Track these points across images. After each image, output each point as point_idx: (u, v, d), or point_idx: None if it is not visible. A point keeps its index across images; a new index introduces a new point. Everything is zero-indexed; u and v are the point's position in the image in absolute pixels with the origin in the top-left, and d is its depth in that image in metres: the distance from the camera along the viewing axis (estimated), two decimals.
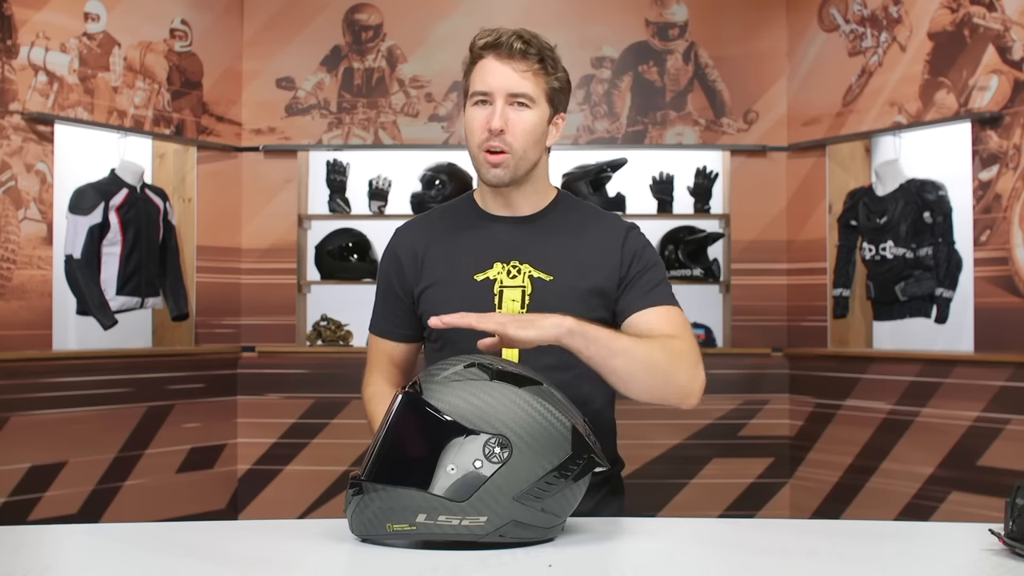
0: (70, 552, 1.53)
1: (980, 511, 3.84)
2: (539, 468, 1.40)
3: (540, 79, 1.70)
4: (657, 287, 1.74)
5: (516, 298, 1.71)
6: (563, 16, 4.86)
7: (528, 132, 1.70)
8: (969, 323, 4.10)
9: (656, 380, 1.59)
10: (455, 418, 1.40)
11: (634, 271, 1.74)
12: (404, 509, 1.39)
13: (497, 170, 1.71)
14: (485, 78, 1.71)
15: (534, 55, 1.69)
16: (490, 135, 1.69)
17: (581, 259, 1.74)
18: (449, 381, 1.44)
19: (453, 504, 1.38)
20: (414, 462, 1.41)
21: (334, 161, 4.90)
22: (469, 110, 1.74)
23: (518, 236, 1.76)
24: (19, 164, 4.01)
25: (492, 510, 1.38)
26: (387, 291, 1.84)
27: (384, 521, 1.40)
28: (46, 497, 4.03)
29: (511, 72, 1.69)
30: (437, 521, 1.38)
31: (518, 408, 1.41)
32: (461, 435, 1.39)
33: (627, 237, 1.77)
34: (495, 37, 1.70)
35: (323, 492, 4.74)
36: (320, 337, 4.85)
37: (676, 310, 1.73)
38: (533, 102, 1.70)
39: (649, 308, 1.71)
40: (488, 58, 1.71)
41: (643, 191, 4.83)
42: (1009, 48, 3.93)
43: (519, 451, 1.39)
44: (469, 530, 1.39)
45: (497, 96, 1.69)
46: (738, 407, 4.78)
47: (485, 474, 1.38)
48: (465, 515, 1.38)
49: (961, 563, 1.42)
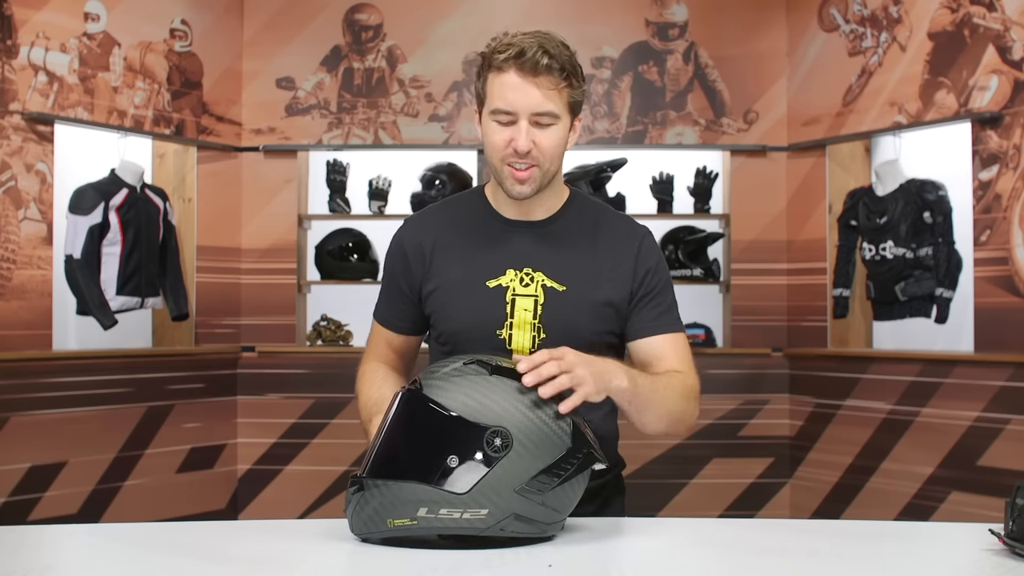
0: (70, 552, 1.53)
1: (980, 511, 3.83)
2: (539, 461, 1.41)
3: (564, 94, 1.65)
4: (668, 312, 1.76)
5: (528, 307, 1.70)
6: (563, 16, 4.85)
7: (555, 148, 1.67)
8: (969, 323, 4.10)
9: (672, 422, 1.67)
10: (457, 412, 1.41)
11: (646, 289, 1.74)
12: (405, 503, 1.39)
13: (523, 187, 1.68)
14: (507, 96, 1.63)
15: (558, 70, 1.62)
16: (515, 155, 1.65)
17: (595, 269, 1.73)
18: (449, 377, 1.45)
19: (454, 497, 1.38)
20: (415, 457, 1.41)
21: (334, 161, 4.90)
22: (490, 124, 1.66)
23: (532, 243, 1.74)
24: (19, 164, 4.01)
25: (493, 503, 1.39)
26: (392, 284, 1.83)
27: (385, 517, 1.41)
28: (46, 497, 4.03)
29: (535, 91, 1.62)
30: (438, 515, 1.39)
31: (518, 402, 1.42)
32: (462, 429, 1.40)
33: (641, 246, 1.76)
34: (518, 51, 1.61)
35: (323, 492, 4.74)
36: (320, 337, 4.85)
37: (683, 337, 1.76)
38: (557, 119, 1.65)
39: (659, 336, 1.73)
40: (510, 72, 1.62)
41: (643, 191, 4.83)
42: (1009, 48, 3.93)
43: (519, 444, 1.40)
44: (470, 523, 1.39)
45: (521, 116, 1.63)
46: (738, 407, 4.78)
47: (486, 467, 1.39)
48: (466, 508, 1.39)
49: (961, 563, 1.42)
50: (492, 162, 1.70)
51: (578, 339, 1.64)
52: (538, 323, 1.69)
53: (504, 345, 1.69)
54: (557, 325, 1.69)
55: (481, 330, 1.70)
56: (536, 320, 1.69)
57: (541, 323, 1.69)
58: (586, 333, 1.69)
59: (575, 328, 1.69)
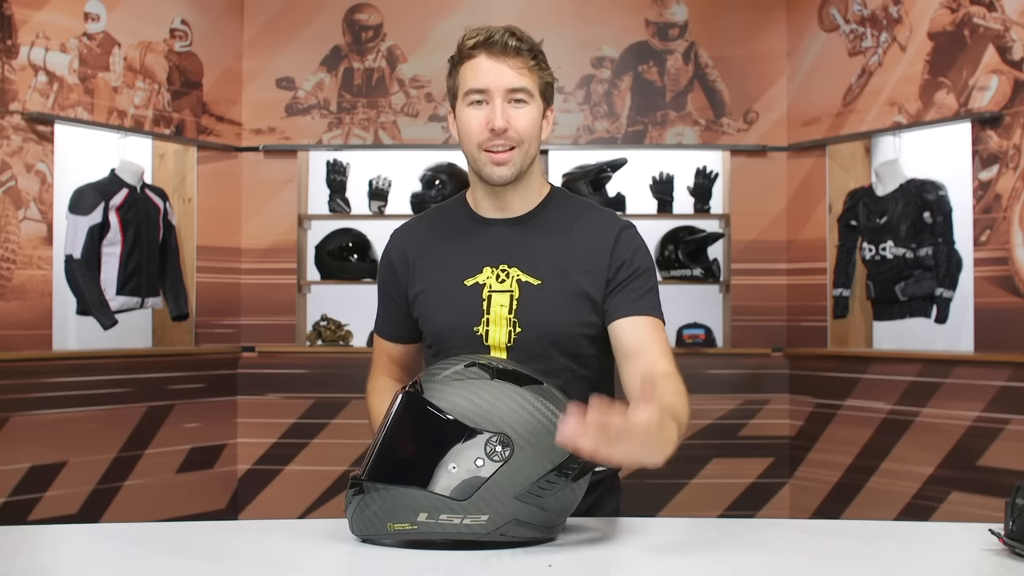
0: (70, 552, 1.53)
1: (980, 511, 3.84)
2: (540, 467, 1.40)
3: (534, 74, 1.69)
4: (646, 295, 1.72)
5: (504, 303, 1.70)
6: (563, 16, 4.85)
7: (530, 126, 1.69)
8: (969, 323, 4.10)
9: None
10: (456, 417, 1.40)
11: (622, 275, 1.72)
12: (405, 508, 1.39)
13: (503, 168, 1.69)
14: (480, 76, 1.67)
15: (527, 51, 1.68)
16: (492, 135, 1.67)
17: (570, 262, 1.72)
18: (450, 380, 1.44)
19: (455, 503, 1.38)
20: (415, 461, 1.41)
21: (334, 161, 4.90)
22: (464, 110, 1.70)
23: (508, 239, 1.75)
24: (19, 164, 4.01)
25: (493, 509, 1.38)
26: (384, 294, 1.86)
27: (385, 520, 1.40)
28: (46, 497, 4.03)
29: (507, 68, 1.67)
30: (438, 520, 1.38)
31: (519, 407, 1.41)
32: (462, 434, 1.39)
33: (619, 238, 1.74)
34: (487, 35, 1.68)
35: (323, 492, 4.74)
36: (320, 337, 4.85)
37: (660, 324, 1.71)
38: (531, 97, 1.69)
39: (636, 317, 1.69)
40: (480, 56, 1.68)
41: (643, 191, 4.83)
42: (1009, 48, 3.93)
43: (520, 450, 1.39)
44: (471, 529, 1.39)
45: (495, 94, 1.67)
46: (738, 407, 4.78)
47: (486, 473, 1.38)
48: (467, 514, 1.38)
49: (961, 563, 1.42)
50: (469, 151, 1.71)
51: (554, 332, 1.68)
52: (513, 318, 1.69)
53: (482, 341, 1.70)
54: (532, 319, 1.69)
55: (460, 329, 1.71)
56: (512, 316, 1.69)
57: (516, 318, 1.69)
58: (562, 326, 1.69)
59: (550, 321, 1.69)
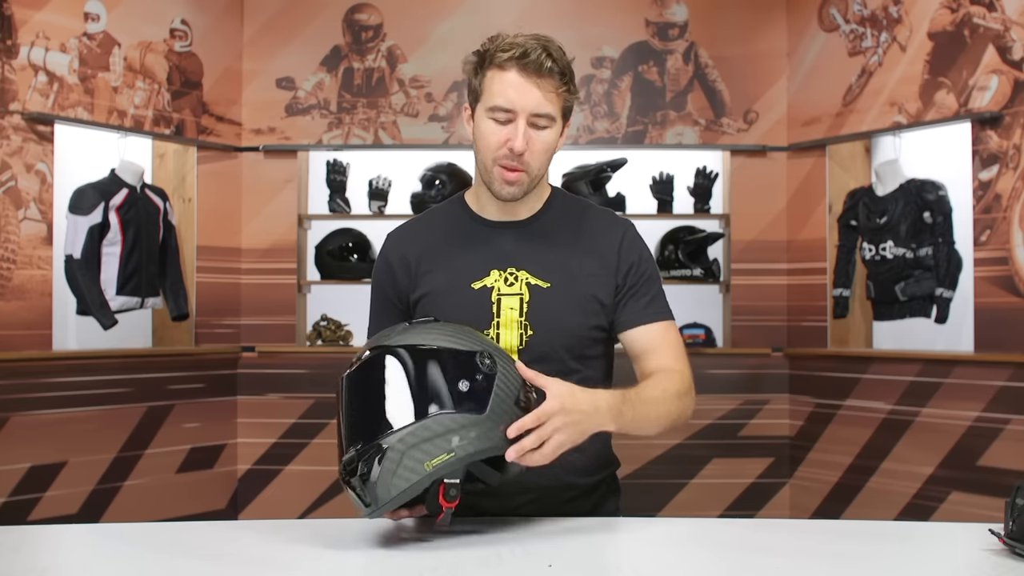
0: (70, 552, 1.53)
1: (980, 511, 3.84)
2: (516, 373, 1.48)
3: (561, 98, 1.67)
4: (655, 300, 1.77)
5: (514, 306, 1.71)
6: (563, 16, 4.85)
7: (547, 151, 1.69)
8: (969, 323, 4.10)
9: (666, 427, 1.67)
10: (441, 346, 1.45)
11: (631, 280, 1.75)
12: (437, 437, 1.40)
13: (512, 187, 1.69)
14: (508, 94, 1.64)
15: (559, 74, 1.65)
16: (510, 154, 1.66)
17: (578, 265, 1.74)
18: (402, 331, 1.50)
19: (478, 417, 1.42)
20: (429, 395, 1.43)
21: (334, 161, 4.90)
22: (486, 122, 1.68)
23: (515, 242, 1.75)
24: (19, 164, 4.01)
25: (504, 420, 1.43)
26: (381, 298, 1.84)
27: (422, 461, 1.39)
28: (46, 497, 4.03)
29: (536, 92, 1.64)
30: (471, 438, 1.41)
31: (467, 332, 1.50)
32: (456, 358, 1.45)
33: (624, 239, 1.77)
34: (522, 51, 1.63)
35: (323, 492, 4.74)
36: (320, 337, 4.85)
37: (673, 325, 1.77)
38: (553, 121, 1.68)
39: (649, 324, 1.74)
40: (511, 72, 1.64)
41: (643, 191, 4.83)
42: (1009, 48, 3.93)
43: (499, 360, 1.46)
44: (493, 443, 1.42)
45: (520, 115, 1.65)
46: (738, 407, 4.78)
47: (488, 384, 1.44)
48: (493, 424, 1.42)
49: (961, 563, 1.42)
50: (483, 161, 1.71)
51: (565, 335, 1.70)
52: (524, 321, 1.70)
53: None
54: (543, 322, 1.70)
55: None
56: (523, 318, 1.70)
57: (528, 321, 1.70)
58: (572, 328, 1.72)
59: (561, 324, 1.71)
